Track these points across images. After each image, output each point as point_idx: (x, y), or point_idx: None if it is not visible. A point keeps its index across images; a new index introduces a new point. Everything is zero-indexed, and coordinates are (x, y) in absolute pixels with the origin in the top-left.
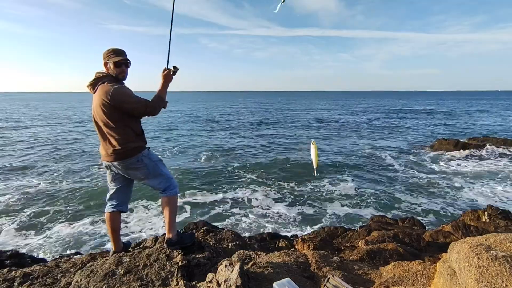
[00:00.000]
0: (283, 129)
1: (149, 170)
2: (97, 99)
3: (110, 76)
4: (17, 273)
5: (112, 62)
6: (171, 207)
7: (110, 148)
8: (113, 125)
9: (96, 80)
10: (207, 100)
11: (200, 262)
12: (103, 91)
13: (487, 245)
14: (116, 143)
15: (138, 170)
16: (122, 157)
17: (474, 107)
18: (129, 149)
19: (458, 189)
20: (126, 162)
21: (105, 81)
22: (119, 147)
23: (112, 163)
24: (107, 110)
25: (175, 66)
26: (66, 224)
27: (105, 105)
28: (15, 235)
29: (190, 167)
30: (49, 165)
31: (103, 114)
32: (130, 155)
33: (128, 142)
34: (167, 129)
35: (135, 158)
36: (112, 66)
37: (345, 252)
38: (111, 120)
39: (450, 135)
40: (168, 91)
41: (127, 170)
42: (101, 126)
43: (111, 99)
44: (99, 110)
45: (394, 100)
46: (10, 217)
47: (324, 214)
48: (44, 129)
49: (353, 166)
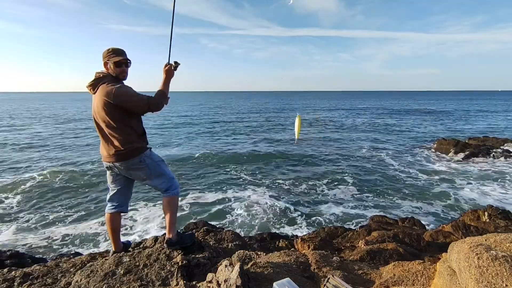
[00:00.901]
0: (283, 129)
1: (151, 170)
2: (98, 99)
3: (110, 76)
4: (17, 273)
5: (113, 62)
6: (172, 207)
7: (112, 149)
8: (115, 126)
9: (96, 80)
10: (207, 100)
11: (200, 262)
12: (105, 91)
13: (487, 245)
14: (118, 143)
15: (140, 171)
16: (124, 158)
17: (474, 107)
18: (131, 149)
19: (458, 189)
20: (128, 163)
21: (106, 81)
22: (121, 148)
23: (113, 164)
24: (109, 110)
25: (176, 61)
26: (66, 224)
27: (107, 105)
28: (15, 235)
29: (190, 167)
30: (49, 165)
31: (105, 115)
32: (132, 155)
33: (130, 142)
34: (166, 129)
35: (138, 159)
36: (113, 66)
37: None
38: (113, 120)
39: (450, 135)
40: None
41: (129, 171)
42: (102, 127)
43: (113, 99)
44: (100, 110)
45: (394, 100)
46: (10, 217)
47: (324, 214)
48: (43, 128)
49: (353, 166)
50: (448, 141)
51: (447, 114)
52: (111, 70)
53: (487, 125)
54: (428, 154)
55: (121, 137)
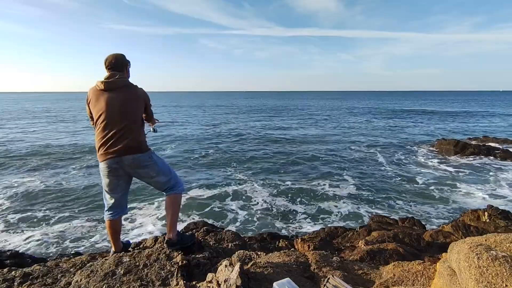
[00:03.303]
0: (282, 129)
1: (159, 166)
2: (124, 96)
3: (127, 79)
4: (17, 273)
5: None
6: (175, 206)
7: (127, 142)
8: (136, 122)
9: (119, 80)
10: (206, 100)
11: (200, 262)
12: (138, 91)
13: (487, 245)
14: (136, 137)
15: (149, 168)
16: (137, 151)
17: (474, 107)
18: (143, 142)
19: (458, 189)
20: (139, 159)
21: (130, 83)
22: (137, 141)
23: (122, 158)
24: (140, 108)
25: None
26: (66, 224)
27: (140, 103)
28: (14, 235)
29: (189, 166)
30: (48, 164)
31: (134, 111)
32: (143, 150)
33: (142, 137)
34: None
35: (147, 155)
36: (128, 68)
37: (345, 252)
38: (137, 117)
39: (450, 135)
40: (167, 91)
41: (138, 169)
42: (119, 120)
43: (146, 99)
44: (127, 107)
45: (394, 100)
46: (10, 217)
47: (324, 214)
48: (42, 127)
49: (353, 166)
50: (448, 141)
51: (447, 114)
52: (127, 73)
53: (487, 125)
54: (428, 154)
55: (138, 133)
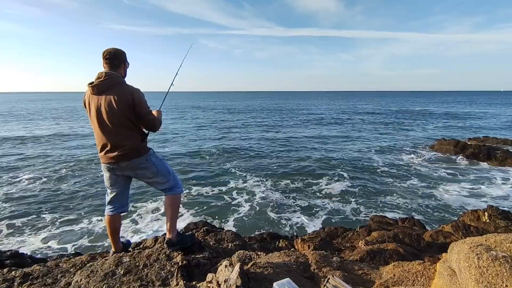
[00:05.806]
0: (282, 129)
1: (157, 168)
2: (112, 99)
3: (122, 77)
4: (17, 273)
5: (127, 63)
6: (174, 206)
7: (120, 148)
8: (126, 125)
9: (107, 80)
10: (206, 100)
11: (200, 262)
12: (127, 91)
13: (487, 245)
14: (128, 143)
15: (147, 169)
16: (132, 157)
17: (475, 107)
18: (138, 148)
19: (458, 189)
20: (135, 162)
21: (121, 81)
22: (130, 147)
23: (119, 164)
24: (127, 110)
25: None
26: (66, 224)
27: (128, 105)
28: (14, 235)
29: (189, 166)
30: (48, 164)
31: (121, 114)
32: (138, 155)
33: (137, 141)
34: (165, 127)
35: (144, 158)
36: (126, 67)
37: (345, 252)
38: (126, 119)
39: (450, 135)
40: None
41: (136, 171)
42: (110, 126)
43: (137, 99)
44: (113, 109)
45: (394, 100)
46: (10, 217)
47: (324, 214)
48: (42, 127)
49: (353, 166)
50: (448, 141)
51: (447, 114)
52: (123, 71)
53: (488, 125)
54: (428, 154)
55: (134, 139)
